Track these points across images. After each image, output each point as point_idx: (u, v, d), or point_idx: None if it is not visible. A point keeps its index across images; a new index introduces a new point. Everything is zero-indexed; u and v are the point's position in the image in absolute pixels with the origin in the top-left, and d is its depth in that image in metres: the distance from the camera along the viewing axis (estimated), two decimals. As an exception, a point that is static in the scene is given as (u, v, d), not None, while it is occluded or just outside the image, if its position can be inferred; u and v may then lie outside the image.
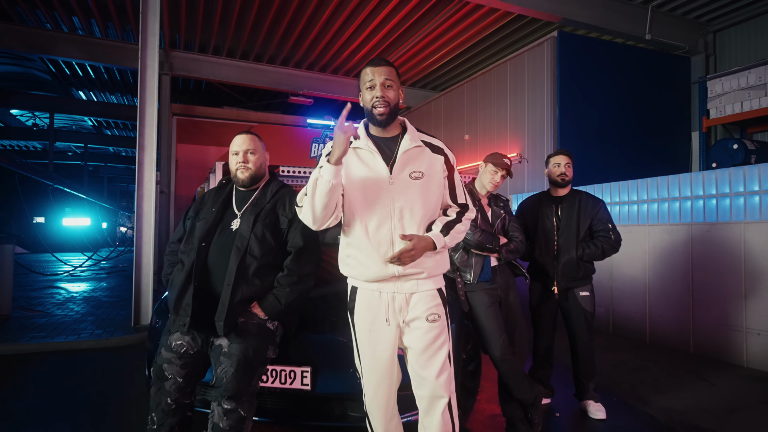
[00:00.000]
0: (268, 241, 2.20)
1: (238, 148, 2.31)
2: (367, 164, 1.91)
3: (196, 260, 2.13)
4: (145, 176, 5.40)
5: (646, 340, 5.08)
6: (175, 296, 2.11)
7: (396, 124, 1.98)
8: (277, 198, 2.32)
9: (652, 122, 8.21)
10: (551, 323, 3.28)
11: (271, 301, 2.15)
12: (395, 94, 1.91)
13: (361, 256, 1.90)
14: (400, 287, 1.90)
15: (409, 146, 1.91)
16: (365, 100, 1.91)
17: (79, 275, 12.46)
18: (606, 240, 3.13)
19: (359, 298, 1.95)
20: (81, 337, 4.88)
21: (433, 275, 1.95)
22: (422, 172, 1.90)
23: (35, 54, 10.79)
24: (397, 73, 1.95)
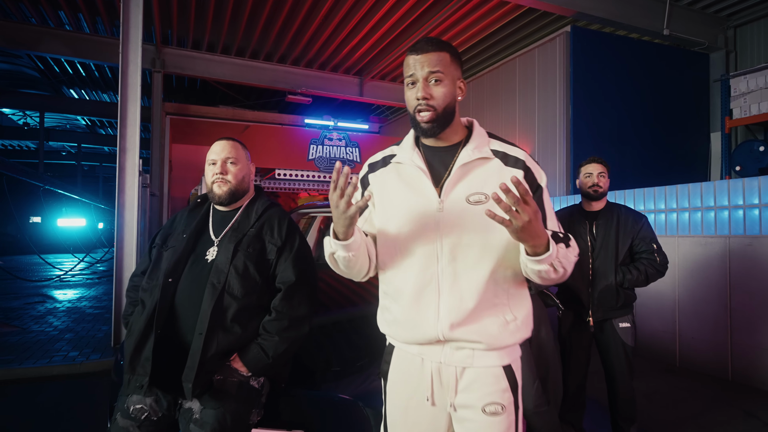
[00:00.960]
0: (251, 276, 1.75)
1: (215, 156, 1.85)
2: (409, 185, 1.41)
3: (160, 301, 1.68)
4: (127, 182, 4.94)
5: (675, 362, 4.63)
6: (132, 348, 1.66)
7: (456, 129, 1.43)
8: (264, 220, 1.86)
9: (668, 122, 7.77)
10: (584, 358, 2.84)
11: (256, 353, 1.70)
12: (448, 91, 1.36)
13: (397, 309, 1.42)
14: (449, 356, 1.36)
15: (470, 158, 1.37)
16: (408, 102, 1.40)
17: (68, 280, 12.01)
18: (650, 263, 2.68)
19: (395, 363, 1.46)
20: (53, 360, 4.43)
21: (498, 346, 1.36)
22: (486, 194, 1.33)
23: (20, 50, 10.33)
24: (453, 58, 1.39)
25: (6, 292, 9.46)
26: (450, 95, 1.37)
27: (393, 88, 11.63)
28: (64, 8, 8.84)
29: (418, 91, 1.35)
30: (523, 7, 7.64)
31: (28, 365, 4.28)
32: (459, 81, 1.41)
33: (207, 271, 1.74)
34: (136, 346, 1.64)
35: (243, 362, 1.69)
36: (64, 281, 11.88)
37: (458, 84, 1.40)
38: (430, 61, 1.35)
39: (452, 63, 1.39)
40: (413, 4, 7.93)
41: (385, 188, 1.46)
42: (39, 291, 9.76)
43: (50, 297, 8.89)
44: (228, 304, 1.69)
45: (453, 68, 1.39)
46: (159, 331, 1.64)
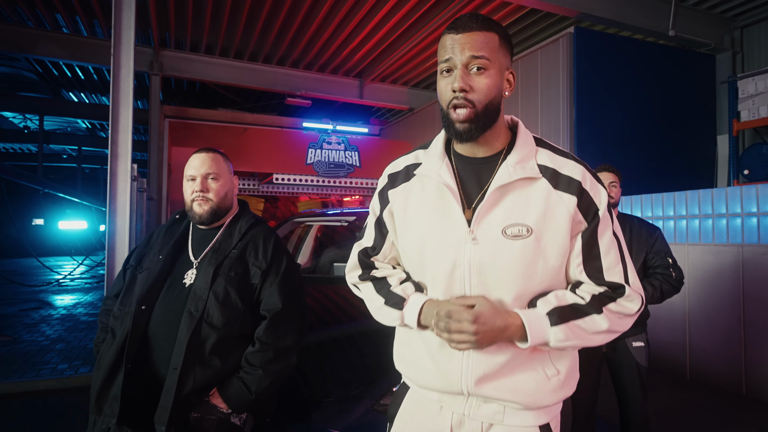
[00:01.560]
0: (232, 302, 1.59)
1: (194, 171, 1.69)
2: (434, 205, 1.16)
3: (132, 331, 1.53)
4: (119, 188, 4.80)
5: (686, 375, 4.47)
6: (99, 384, 1.51)
7: (498, 133, 1.17)
8: (248, 240, 1.71)
9: (674, 125, 7.61)
10: (595, 380, 2.67)
11: (237, 388, 1.55)
12: (493, 83, 1.09)
13: (419, 350, 1.20)
14: (474, 409, 1.14)
15: (510, 177, 1.10)
16: (440, 94, 1.12)
17: (67, 285, 11.89)
18: (666, 279, 2.53)
19: (406, 405, 1.25)
20: (41, 374, 4.29)
21: (535, 407, 1.12)
22: (528, 226, 1.08)
23: (17, 53, 10.21)
24: (502, 41, 1.12)
25: (3, 297, 9.34)
26: (495, 89, 1.10)
27: (394, 90, 11.48)
28: (61, 11, 8.73)
29: (455, 80, 1.08)
30: (525, 8, 7.50)
31: (14, 380, 4.13)
32: (508, 72, 1.14)
33: (184, 297, 1.59)
34: (103, 383, 1.50)
35: (223, 398, 1.54)
36: (62, 285, 11.76)
37: (506, 75, 1.14)
38: (473, 43, 1.07)
39: (501, 47, 1.12)
40: (414, 4, 7.79)
41: (407, 207, 1.22)
42: (36, 296, 9.63)
43: (46, 303, 8.76)
44: (206, 334, 1.54)
45: (502, 54, 1.12)
46: (129, 366, 1.50)
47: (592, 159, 6.84)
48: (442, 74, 1.12)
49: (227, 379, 1.55)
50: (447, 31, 1.13)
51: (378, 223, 1.30)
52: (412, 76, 11.01)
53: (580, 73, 6.84)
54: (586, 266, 1.13)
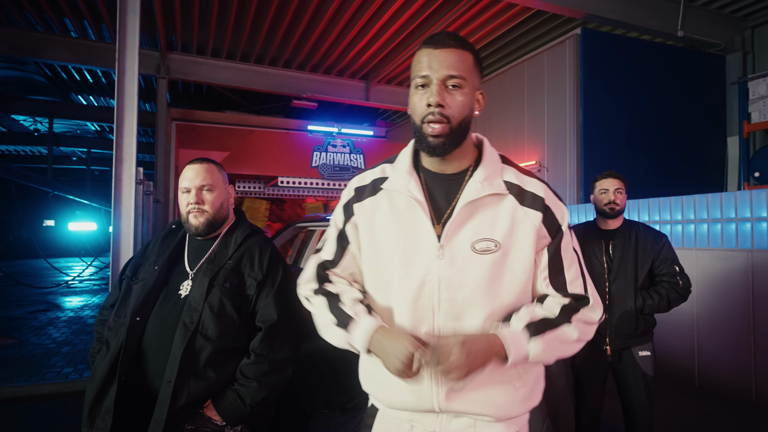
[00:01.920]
0: (227, 314, 1.58)
1: (189, 183, 1.67)
2: (402, 220, 1.16)
3: (126, 342, 1.52)
4: (124, 192, 4.81)
5: (694, 382, 4.40)
6: (92, 396, 1.50)
7: (466, 151, 1.19)
8: (243, 251, 1.69)
9: (682, 127, 7.52)
10: (600, 389, 2.63)
11: (232, 400, 1.53)
12: (467, 101, 1.12)
13: (385, 369, 1.15)
14: (445, 425, 1.15)
15: (479, 194, 1.12)
16: (413, 109, 1.14)
17: (75, 286, 11.98)
18: (673, 287, 2.48)
19: (378, 427, 1.24)
20: (46, 377, 4.30)
21: (505, 418, 1.14)
22: (496, 241, 1.11)
23: (26, 57, 10.30)
24: (475, 62, 1.16)
25: (12, 299, 9.42)
26: (468, 107, 1.13)
27: (399, 92, 11.46)
28: (69, 15, 8.79)
29: (432, 95, 1.09)
30: (531, 9, 7.45)
31: (20, 383, 4.15)
32: (478, 92, 1.18)
33: (179, 309, 1.57)
34: (96, 395, 1.48)
35: (217, 410, 1.52)
36: (71, 287, 11.84)
37: (477, 95, 1.17)
38: (451, 60, 1.10)
39: (475, 68, 1.15)
40: (420, 6, 7.77)
41: (374, 222, 1.21)
42: (44, 298, 9.71)
43: (54, 305, 8.82)
44: (201, 346, 1.52)
45: (475, 74, 1.15)
46: (123, 378, 1.48)
47: (600, 161, 6.78)
48: (417, 89, 1.13)
49: (222, 391, 1.54)
50: (424, 46, 1.14)
51: (340, 236, 1.27)
52: (418, 78, 10.96)
53: (587, 75, 6.78)
54: (552, 280, 1.17)
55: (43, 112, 15.57)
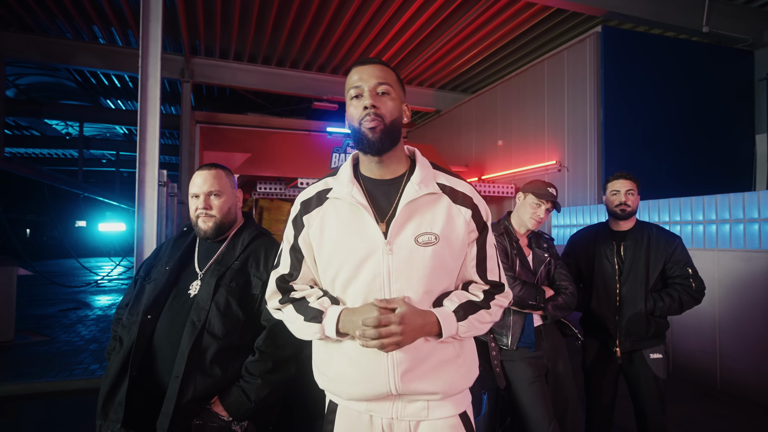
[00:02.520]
0: (234, 313, 1.63)
1: (197, 189, 1.75)
2: (349, 224, 1.28)
3: (137, 340, 1.59)
4: (147, 195, 4.95)
5: (716, 386, 4.31)
6: (105, 391, 1.57)
7: (400, 156, 1.35)
8: (250, 252, 1.75)
9: (708, 125, 7.33)
10: (611, 392, 2.60)
11: (237, 396, 1.58)
12: (395, 105, 1.28)
13: (341, 363, 1.28)
14: (401, 410, 1.25)
15: (417, 194, 1.27)
16: (351, 117, 1.29)
17: (104, 285, 12.34)
18: (685, 289, 2.44)
19: (340, 422, 1.31)
20: (74, 374, 4.47)
21: (454, 393, 1.28)
22: (436, 234, 1.26)
23: (58, 64, 10.66)
24: (397, 78, 1.33)
25: (45, 298, 9.76)
26: (397, 110, 1.30)
27: (419, 92, 11.48)
28: (97, 22, 9.09)
29: (366, 99, 1.26)
30: (550, 8, 7.38)
31: (49, 379, 4.32)
32: (404, 103, 1.34)
33: (188, 308, 1.63)
34: (109, 389, 1.56)
35: (223, 406, 1.57)
36: (100, 286, 12.21)
37: (403, 106, 1.33)
38: (377, 72, 1.28)
39: (398, 82, 1.33)
40: (438, 7, 7.77)
41: (323, 230, 1.32)
42: (75, 297, 10.03)
43: (84, 303, 9.11)
44: (208, 344, 1.58)
45: (399, 87, 1.33)
46: (134, 373, 1.55)
47: (621, 161, 6.67)
48: (352, 100, 1.30)
49: (228, 387, 1.59)
50: (354, 66, 1.31)
51: (293, 249, 1.38)
52: (438, 78, 10.98)
53: (607, 73, 6.68)
54: (477, 267, 1.34)
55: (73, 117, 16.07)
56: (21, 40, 9.31)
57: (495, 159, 9.09)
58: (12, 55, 9.58)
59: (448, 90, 11.77)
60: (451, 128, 11.01)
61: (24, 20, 8.97)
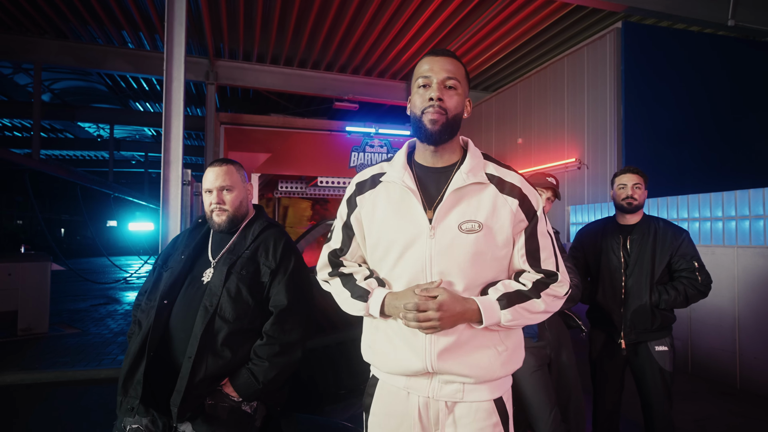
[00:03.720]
0: (243, 299, 1.74)
1: (210, 185, 1.85)
2: (398, 207, 1.34)
3: (154, 323, 1.70)
4: (171, 193, 5.14)
5: (735, 384, 4.25)
6: (125, 370, 1.70)
7: (454, 147, 1.38)
8: (260, 242, 1.85)
9: (735, 120, 7.17)
10: (617, 383, 2.62)
11: (246, 378, 1.68)
12: (459, 101, 1.32)
13: (382, 338, 1.36)
14: (437, 390, 1.29)
15: (464, 182, 1.30)
16: (414, 105, 1.32)
17: (133, 282, 12.74)
18: (691, 282, 2.45)
19: (378, 396, 1.39)
20: (102, 364, 4.70)
21: (489, 379, 1.30)
22: (479, 222, 1.28)
23: (90, 68, 11.08)
24: (466, 73, 1.36)
25: (77, 293, 10.16)
26: (461, 106, 1.33)
27: (440, 91, 11.48)
28: (126, 28, 9.40)
29: (433, 91, 1.29)
30: (570, 4, 7.32)
31: (80, 368, 4.55)
32: (468, 99, 1.38)
33: (201, 294, 1.75)
34: (129, 368, 1.68)
35: (233, 387, 1.68)
36: (129, 283, 12.61)
37: (466, 101, 1.37)
38: (448, 66, 1.31)
39: (465, 78, 1.36)
40: (458, 5, 7.80)
41: (374, 211, 1.39)
42: (105, 293, 10.40)
43: (113, 299, 9.45)
44: (219, 327, 1.68)
45: (465, 83, 1.36)
46: (152, 354, 1.66)
47: (643, 157, 6.59)
48: (418, 89, 1.33)
49: (238, 369, 1.70)
50: (426, 55, 1.36)
51: (345, 226, 1.46)
52: (458, 77, 10.95)
53: (628, 69, 6.61)
54: (528, 257, 1.34)
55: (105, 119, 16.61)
56: (56, 46, 9.74)
57: (515, 157, 9.07)
58: (49, 60, 10.00)
59: (468, 88, 11.74)
60: (472, 126, 11.01)
61: (59, 27, 9.36)
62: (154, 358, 1.67)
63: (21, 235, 22.58)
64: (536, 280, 1.32)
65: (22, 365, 4.62)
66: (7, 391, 4.13)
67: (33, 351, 5.20)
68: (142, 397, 1.62)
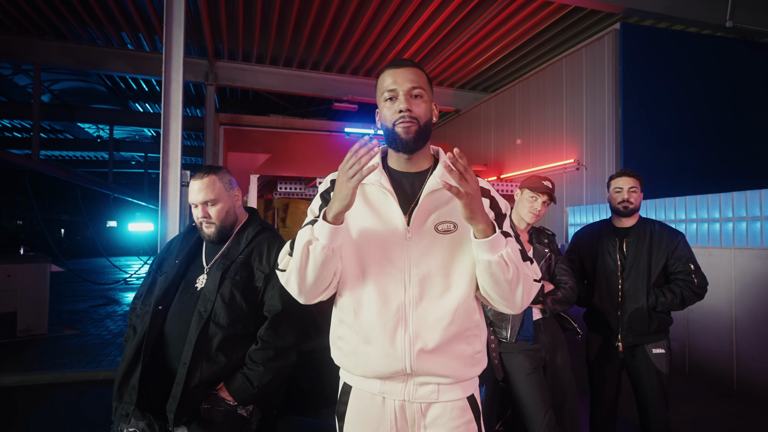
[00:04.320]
0: (237, 304, 1.74)
1: (194, 199, 1.84)
2: (375, 208, 1.35)
3: (149, 329, 1.71)
4: (170, 194, 5.14)
5: (732, 385, 4.26)
6: (120, 375, 1.70)
7: (426, 154, 1.41)
8: (253, 247, 1.85)
9: (734, 122, 7.18)
10: (613, 386, 2.63)
11: (241, 383, 1.69)
12: (427, 107, 1.35)
13: (356, 340, 1.34)
14: (412, 393, 1.31)
15: (439, 185, 1.32)
16: (385, 118, 1.35)
17: (132, 283, 12.74)
18: (687, 285, 2.46)
19: (353, 404, 1.37)
20: (101, 365, 4.71)
21: (463, 379, 1.34)
22: (454, 222, 1.32)
23: (90, 69, 11.08)
24: (428, 80, 1.39)
25: (77, 294, 10.17)
26: (429, 112, 1.36)
27: (439, 91, 11.50)
28: (126, 29, 9.41)
29: (401, 103, 1.31)
30: (568, 6, 7.33)
31: (79, 369, 4.56)
32: (433, 104, 1.40)
33: (195, 299, 1.75)
34: (124, 374, 1.69)
35: (229, 391, 1.68)
36: (128, 283, 12.61)
37: (433, 106, 1.40)
38: (411, 76, 1.33)
39: (428, 84, 1.39)
40: (456, 6, 7.81)
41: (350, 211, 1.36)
42: (104, 294, 10.41)
43: (113, 300, 9.46)
44: (213, 333, 1.69)
45: (429, 89, 1.39)
46: (147, 360, 1.67)
47: (641, 158, 6.60)
48: (386, 102, 1.35)
49: (233, 374, 1.70)
50: (386, 68, 1.37)
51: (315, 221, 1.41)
52: (457, 78, 10.99)
53: (626, 71, 6.62)
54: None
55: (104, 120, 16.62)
56: (56, 47, 9.75)
57: (514, 158, 9.08)
58: (48, 61, 10.01)
59: (467, 89, 11.76)
60: (471, 127, 11.03)
61: (59, 29, 9.37)
62: (149, 363, 1.68)
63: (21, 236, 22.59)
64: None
65: (22, 366, 4.63)
66: (6, 393, 4.14)
67: (32, 352, 5.21)
68: (137, 403, 1.63)
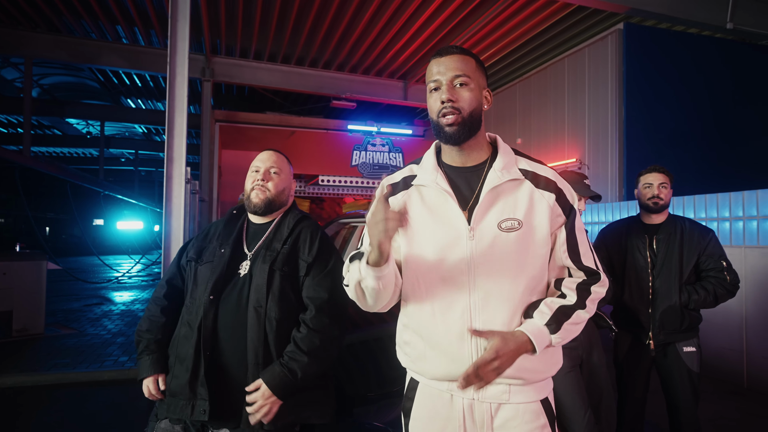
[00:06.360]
0: (287, 296, 1.69)
1: (260, 164, 1.84)
2: (433, 210, 1.30)
3: (203, 321, 1.65)
4: (174, 190, 5.04)
5: (743, 383, 4.28)
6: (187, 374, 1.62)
7: (481, 144, 1.34)
8: (297, 235, 1.80)
9: (736, 123, 7.25)
10: (643, 385, 2.61)
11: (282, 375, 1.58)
12: (474, 96, 1.27)
13: (422, 345, 1.30)
14: (482, 392, 1.25)
15: (500, 180, 1.26)
16: (431, 109, 1.30)
17: (125, 282, 12.55)
18: (720, 282, 2.45)
19: (420, 399, 1.33)
20: (104, 365, 4.60)
21: (536, 380, 1.28)
22: (519, 219, 1.25)
23: (82, 64, 10.87)
24: (477, 65, 1.31)
25: (68, 293, 9.98)
26: (476, 101, 1.28)
27: (438, 91, 11.47)
28: (121, 22, 9.24)
29: (443, 93, 1.26)
30: (571, 5, 7.33)
31: (81, 369, 4.45)
32: (485, 90, 1.33)
33: (240, 287, 1.70)
34: (192, 371, 1.62)
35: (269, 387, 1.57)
36: (121, 282, 12.42)
37: (484, 93, 1.32)
38: (455, 64, 1.27)
39: (478, 69, 1.31)
40: (458, 5, 7.78)
41: (409, 212, 1.34)
42: (97, 293, 10.23)
43: (107, 299, 9.29)
44: (268, 329, 1.64)
45: (479, 75, 1.31)
46: (208, 353, 1.63)
47: (644, 157, 6.63)
48: (431, 92, 1.31)
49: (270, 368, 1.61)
50: (432, 58, 1.32)
51: None
52: (456, 77, 10.95)
53: (629, 71, 6.65)
54: (570, 253, 1.30)
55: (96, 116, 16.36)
56: (49, 40, 9.53)
57: (514, 157, 9.08)
58: (41, 55, 9.80)
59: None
60: (469, 127, 11.01)
61: (52, 21, 9.17)
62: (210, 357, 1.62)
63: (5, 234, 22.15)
64: (579, 285, 1.28)
65: (21, 367, 4.51)
66: (7, 394, 4.02)
67: (31, 352, 5.08)
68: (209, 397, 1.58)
